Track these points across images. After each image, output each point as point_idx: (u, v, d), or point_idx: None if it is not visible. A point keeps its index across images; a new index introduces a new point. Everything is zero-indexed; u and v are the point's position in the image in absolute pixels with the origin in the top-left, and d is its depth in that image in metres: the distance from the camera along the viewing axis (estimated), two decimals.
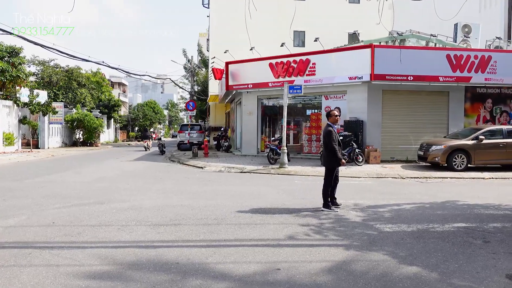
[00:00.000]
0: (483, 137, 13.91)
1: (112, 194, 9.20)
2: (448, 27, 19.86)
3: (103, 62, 25.68)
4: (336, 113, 7.91)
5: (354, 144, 15.36)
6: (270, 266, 4.58)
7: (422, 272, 4.44)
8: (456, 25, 18.72)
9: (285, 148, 14.61)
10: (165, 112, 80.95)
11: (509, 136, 14.13)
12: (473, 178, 12.91)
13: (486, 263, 4.77)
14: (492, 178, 12.96)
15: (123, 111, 58.19)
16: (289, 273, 4.37)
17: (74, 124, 32.43)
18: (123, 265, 4.54)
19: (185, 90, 46.57)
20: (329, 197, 7.65)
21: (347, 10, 30.58)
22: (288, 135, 17.23)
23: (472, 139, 13.97)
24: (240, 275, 4.30)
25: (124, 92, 65.72)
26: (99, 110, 39.90)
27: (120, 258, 4.79)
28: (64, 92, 35.19)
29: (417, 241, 5.61)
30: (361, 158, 15.30)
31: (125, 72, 30.04)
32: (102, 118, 38.67)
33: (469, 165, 13.97)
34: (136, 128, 59.31)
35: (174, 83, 38.35)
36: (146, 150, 26.07)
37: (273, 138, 18.48)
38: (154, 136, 59.42)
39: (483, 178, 12.88)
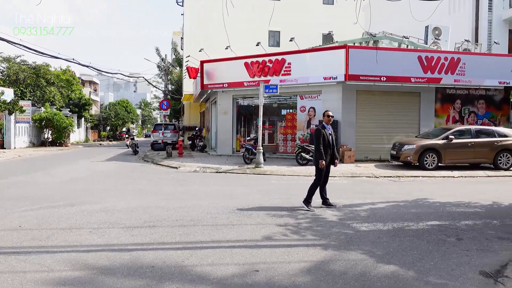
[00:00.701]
0: (453, 136, 14.30)
1: (83, 196, 8.90)
2: (419, 29, 20.33)
3: (73, 59, 24.92)
4: (330, 114, 7.94)
5: None
6: (248, 267, 4.50)
7: (399, 271, 4.47)
8: (427, 27, 19.20)
9: (261, 147, 14.57)
10: (138, 111, 79.58)
11: (477, 136, 14.59)
12: (443, 176, 13.24)
13: (460, 260, 4.85)
14: (461, 176, 13.34)
15: (94, 110, 56.74)
16: (268, 274, 4.30)
17: (43, 123, 31.33)
18: (95, 270, 4.36)
19: (158, 89, 45.89)
20: (312, 196, 7.63)
21: (321, 11, 30.87)
22: (263, 135, 17.21)
23: (443, 139, 14.34)
24: (218, 277, 4.21)
25: (96, 90, 64.12)
26: (69, 109, 38.74)
27: (92, 262, 4.60)
28: (31, 90, 33.94)
29: (393, 240, 5.67)
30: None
31: (97, 70, 29.18)
32: (72, 117, 37.55)
33: (439, 164, 14.34)
34: (108, 128, 57.98)
35: (148, 81, 37.68)
36: (128, 148, 25.34)
37: (249, 137, 18.41)
38: (126, 136, 58.42)
39: (453, 177, 13.24)
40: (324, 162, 7.58)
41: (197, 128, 27.72)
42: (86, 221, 6.53)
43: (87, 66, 26.95)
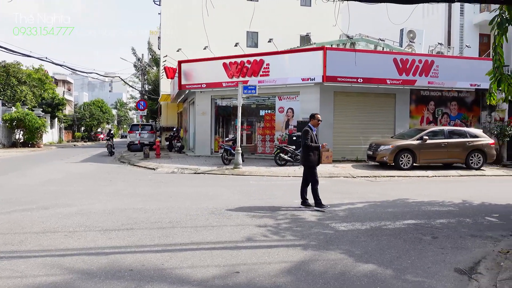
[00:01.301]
0: (427, 137, 14.66)
1: (58, 198, 8.66)
2: (394, 32, 20.76)
3: (46, 58, 24.27)
4: (320, 117, 8.16)
5: None
6: (229, 269, 4.48)
7: (378, 269, 4.55)
8: (402, 30, 19.60)
9: (240, 148, 14.56)
10: (114, 111, 78.09)
11: (450, 137, 15.01)
12: (418, 176, 13.56)
13: (435, 258, 4.98)
14: (435, 176, 13.69)
15: (68, 110, 55.38)
16: (249, 275, 4.30)
17: (14, 123, 30.31)
18: (72, 275, 4.25)
19: (135, 89, 45.16)
20: (319, 195, 7.76)
21: (299, 13, 31.09)
22: (241, 136, 17.18)
23: (417, 139, 14.68)
24: (198, 280, 4.17)
25: (69, 90, 62.61)
26: (41, 109, 37.63)
27: (68, 267, 4.48)
28: (1, 90, 32.83)
29: (371, 239, 5.76)
30: None
31: (71, 69, 28.48)
32: (45, 118, 36.49)
33: (414, 164, 14.67)
34: (83, 128, 56.70)
35: (124, 81, 37.06)
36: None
37: (227, 138, 18.36)
38: (102, 137, 57.24)
39: (427, 176, 13.57)
40: (325, 144, 8.07)
41: (174, 129, 27.44)
42: (62, 224, 6.36)
43: (61, 65, 26.29)
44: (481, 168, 15.06)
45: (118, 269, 4.40)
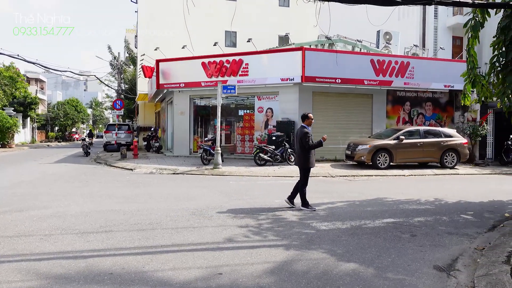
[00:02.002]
0: (403, 137, 14.96)
1: (32, 200, 8.39)
2: (371, 33, 21.09)
3: (18, 55, 23.44)
4: (312, 116, 8.10)
5: (286, 144, 15.70)
6: (211, 271, 4.43)
7: (360, 268, 4.59)
8: (378, 32, 19.94)
9: (219, 148, 14.48)
10: (89, 111, 76.53)
11: (425, 137, 15.37)
12: (395, 175, 13.82)
13: (415, 256, 5.07)
14: (412, 175, 13.98)
15: (41, 109, 53.75)
16: (232, 277, 4.26)
17: None
18: (49, 280, 4.11)
19: (111, 88, 44.36)
20: (306, 196, 7.80)
21: (277, 13, 31.18)
22: (220, 135, 17.08)
23: (394, 139, 14.97)
24: (181, 282, 4.11)
25: (42, 89, 60.79)
26: (13, 108, 36.43)
27: (44, 271, 4.33)
28: None
29: (352, 238, 5.82)
30: (293, 158, 15.65)
31: (44, 67, 27.63)
32: (17, 117, 35.38)
33: (391, 163, 14.94)
34: (57, 128, 55.23)
35: (100, 80, 36.22)
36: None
37: (206, 138, 18.25)
38: (77, 137, 55.93)
39: (404, 175, 13.85)
40: (326, 136, 8.02)
41: (152, 129, 27.08)
42: (37, 227, 6.16)
43: (33, 63, 25.47)
44: (455, 167, 15.48)
45: (97, 273, 4.29)
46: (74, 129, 62.83)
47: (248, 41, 18.48)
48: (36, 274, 4.24)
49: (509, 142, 17.46)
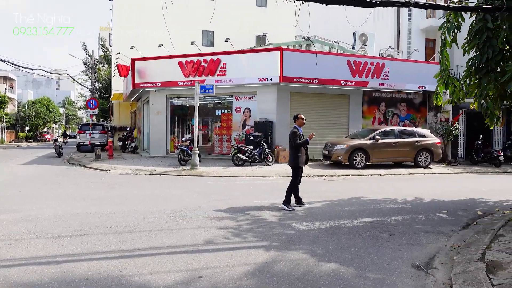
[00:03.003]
0: (379, 137, 15.21)
1: (1, 204, 8.05)
2: (346, 34, 21.37)
3: None
4: (303, 116, 8.31)
5: (264, 144, 15.69)
6: (191, 274, 4.35)
7: (340, 268, 4.61)
8: (355, 33, 20.22)
9: (197, 148, 14.32)
10: (62, 110, 74.49)
11: (400, 137, 15.68)
12: (371, 175, 14.03)
13: (393, 255, 5.13)
14: (387, 174, 14.23)
15: (11, 108, 51.96)
16: (212, 280, 4.19)
17: None
18: (20, 287, 3.93)
19: (85, 87, 43.30)
20: (291, 196, 7.90)
21: (254, 13, 31.19)
22: (198, 136, 16.92)
23: (370, 139, 15.19)
24: (160, 286, 4.01)
25: (12, 87, 58.75)
26: None
27: (16, 278, 4.14)
28: None
29: (331, 238, 5.84)
30: (271, 158, 15.70)
31: (13, 64, 26.67)
32: None
33: (367, 163, 15.17)
34: (27, 128, 53.48)
35: (73, 79, 35.25)
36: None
37: (184, 138, 18.02)
38: (49, 137, 54.33)
39: (380, 175, 14.08)
40: (314, 134, 8.17)
41: (128, 129, 26.58)
42: (7, 232, 5.90)
43: (2, 60, 24.56)
44: (429, 166, 15.86)
45: (72, 279, 4.14)
46: (45, 129, 61.05)
47: (226, 40, 18.38)
48: (6, 282, 4.05)
49: (479, 142, 18.03)
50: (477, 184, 12.56)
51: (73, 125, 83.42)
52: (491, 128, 9.16)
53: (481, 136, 18.18)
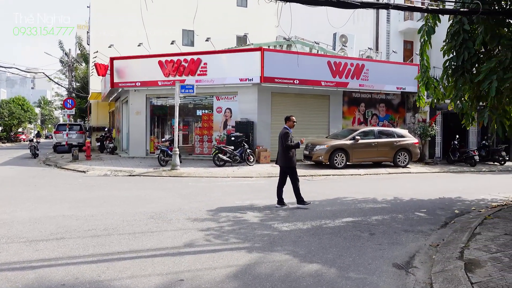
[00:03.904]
0: (359, 137, 15.38)
1: None
2: (326, 35, 21.53)
3: None
4: (294, 118, 8.37)
5: (245, 144, 15.65)
6: (172, 277, 4.27)
7: (322, 269, 4.61)
8: (335, 34, 20.40)
9: (177, 149, 14.17)
10: (37, 110, 72.72)
11: (379, 137, 15.90)
12: (351, 174, 14.17)
13: (374, 254, 5.17)
14: (367, 174, 14.40)
15: None
16: (194, 283, 4.13)
17: None
18: None
19: (61, 86, 42.24)
20: (300, 193, 8.08)
21: (235, 13, 31.14)
22: (178, 136, 16.74)
23: (350, 139, 15.35)
24: None
25: None
26: None
27: None
28: None
29: (313, 238, 5.85)
30: (252, 158, 15.67)
31: None
32: None
33: (348, 163, 15.31)
34: (0, 128, 51.88)
35: (49, 78, 34.42)
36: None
37: (164, 139, 17.80)
38: (23, 137, 52.86)
39: (360, 175, 14.23)
40: (303, 139, 8.34)
41: (106, 129, 26.11)
42: None
43: None
44: (407, 166, 16.14)
45: (48, 285, 4.00)
46: (20, 129, 59.40)
47: (207, 40, 18.27)
48: None
49: (456, 142, 18.47)
50: (453, 183, 12.84)
51: (49, 125, 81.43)
52: (468, 129, 9.36)
53: (457, 136, 18.64)
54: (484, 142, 19.56)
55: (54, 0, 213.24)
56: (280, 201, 8.15)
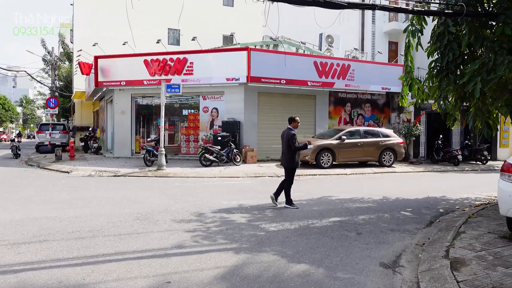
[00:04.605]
0: (345, 137, 15.48)
1: None
2: (311, 35, 21.62)
3: None
4: (298, 119, 8.60)
5: (232, 144, 15.59)
6: (159, 279, 4.21)
7: (310, 269, 4.60)
8: (321, 35, 20.49)
9: (163, 149, 14.04)
10: (19, 109, 71.28)
11: (365, 136, 16.03)
12: (338, 174, 14.25)
13: (362, 254, 5.19)
14: (353, 173, 14.50)
15: None
16: (181, 285, 4.08)
17: None
18: None
19: (44, 85, 41.51)
20: (290, 195, 8.18)
21: (221, 13, 31.01)
22: (164, 136, 16.57)
23: (336, 139, 15.43)
24: None
25: None
26: None
27: None
28: None
29: (300, 238, 5.85)
30: (239, 158, 15.62)
31: None
32: None
33: (334, 163, 15.39)
34: None
35: (31, 76, 33.72)
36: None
37: (149, 138, 17.62)
38: (4, 137, 51.75)
39: (346, 174, 14.33)
40: (310, 139, 8.77)
41: (90, 129, 25.71)
42: None
43: None
44: (392, 165, 16.31)
45: None
46: (1, 129, 58.17)
47: (193, 39, 18.13)
48: None
49: (439, 142, 18.75)
50: (438, 182, 13.03)
51: (32, 125, 79.95)
52: (452, 128, 9.49)
53: (441, 136, 18.92)
54: (466, 141, 19.91)
55: (54, 0, 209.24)
56: (289, 201, 8.18)
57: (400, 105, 9.04)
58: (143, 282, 4.13)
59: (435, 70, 7.42)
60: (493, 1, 7.71)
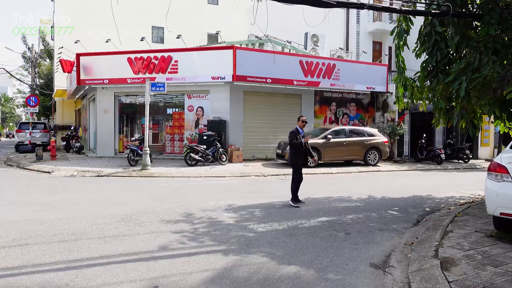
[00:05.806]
0: (330, 136, 15.51)
1: None
2: (297, 34, 21.64)
3: None
4: (304, 118, 8.71)
5: (218, 143, 15.46)
6: (146, 284, 4.09)
7: (300, 271, 4.54)
8: (306, 34, 20.52)
9: (148, 148, 13.81)
10: None
11: (350, 136, 16.10)
12: (324, 173, 14.26)
13: (351, 254, 5.16)
14: (339, 172, 14.54)
15: None
16: None
17: None
18: None
19: (24, 82, 40.50)
20: (297, 192, 8.27)
21: (206, 11, 30.77)
22: (148, 135, 16.32)
23: (322, 138, 15.46)
24: None
25: None
26: None
27: None
28: None
29: (290, 239, 5.79)
30: (225, 158, 15.50)
31: None
32: None
33: (320, 162, 15.41)
34: None
35: (10, 74, 32.87)
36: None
37: (133, 138, 17.35)
38: None
39: (332, 173, 14.35)
40: (308, 138, 8.61)
41: (72, 128, 25.22)
42: None
43: None
44: (377, 164, 16.43)
45: None
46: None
47: (178, 37, 17.91)
48: None
49: (423, 141, 18.99)
50: (422, 181, 13.15)
51: (11, 124, 77.98)
52: (437, 128, 9.58)
53: (424, 135, 19.16)
54: (449, 140, 20.20)
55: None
56: (293, 198, 8.26)
57: (397, 108, 9.08)
58: (130, 287, 3.99)
59: (426, 70, 7.46)
60: (477, 3, 7.79)
